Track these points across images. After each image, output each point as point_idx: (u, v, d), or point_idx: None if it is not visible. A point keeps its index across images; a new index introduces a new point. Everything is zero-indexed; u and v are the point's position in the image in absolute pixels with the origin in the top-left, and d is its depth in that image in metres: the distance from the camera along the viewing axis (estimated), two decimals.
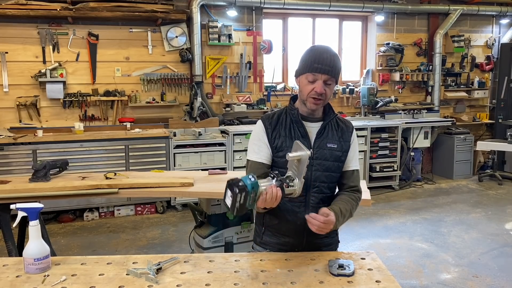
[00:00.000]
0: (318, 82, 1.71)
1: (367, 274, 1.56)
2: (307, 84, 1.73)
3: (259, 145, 1.81)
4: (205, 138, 5.23)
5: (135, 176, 3.16)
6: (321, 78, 1.71)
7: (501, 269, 3.65)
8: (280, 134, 1.79)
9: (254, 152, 1.81)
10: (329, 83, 1.73)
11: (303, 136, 1.78)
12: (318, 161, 1.78)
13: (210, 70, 5.86)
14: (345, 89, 6.60)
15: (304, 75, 1.74)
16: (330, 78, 1.71)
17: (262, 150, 1.80)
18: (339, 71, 1.76)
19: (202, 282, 1.48)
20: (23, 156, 4.67)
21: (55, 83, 5.16)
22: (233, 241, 3.18)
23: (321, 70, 1.70)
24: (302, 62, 1.77)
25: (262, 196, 1.50)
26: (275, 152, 1.79)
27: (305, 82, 1.74)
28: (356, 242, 4.26)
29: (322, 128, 1.81)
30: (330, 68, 1.70)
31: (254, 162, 1.80)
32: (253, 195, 1.46)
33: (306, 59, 1.74)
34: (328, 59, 1.70)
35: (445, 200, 5.73)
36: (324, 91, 1.72)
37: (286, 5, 5.92)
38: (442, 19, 6.88)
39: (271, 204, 1.52)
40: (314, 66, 1.70)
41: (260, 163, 1.79)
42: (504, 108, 7.12)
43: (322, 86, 1.71)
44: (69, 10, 4.96)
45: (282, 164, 1.77)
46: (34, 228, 1.58)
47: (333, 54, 1.74)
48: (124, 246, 4.23)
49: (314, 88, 1.71)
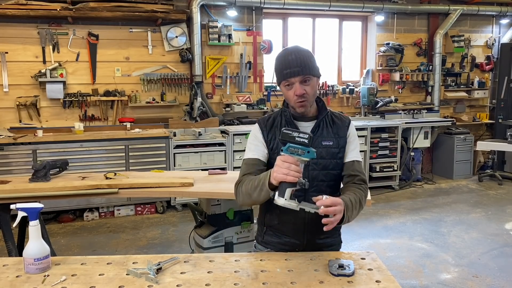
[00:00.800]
0: (295, 86, 1.71)
1: (367, 274, 1.55)
2: (287, 91, 1.75)
3: (256, 144, 1.82)
4: (205, 138, 5.23)
5: (135, 176, 3.16)
6: (296, 81, 1.70)
7: (501, 269, 3.65)
8: (276, 136, 1.80)
9: (250, 151, 1.82)
10: (306, 81, 1.71)
11: None
12: (314, 160, 1.77)
13: (210, 70, 5.86)
14: (345, 89, 6.60)
15: (282, 84, 1.76)
16: (304, 77, 1.70)
17: (258, 148, 1.81)
18: (311, 66, 1.72)
19: (202, 282, 1.48)
20: (23, 156, 4.67)
21: (55, 83, 5.16)
22: (233, 241, 3.18)
23: (291, 74, 1.69)
24: (275, 72, 1.78)
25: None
26: (271, 153, 1.80)
27: (285, 90, 1.76)
28: (356, 242, 4.26)
29: (316, 126, 1.80)
30: (299, 68, 1.69)
31: (249, 158, 1.80)
32: (301, 152, 1.47)
33: (276, 68, 1.76)
34: (294, 61, 1.69)
35: (445, 200, 5.73)
36: (304, 91, 1.71)
37: (286, 5, 5.92)
38: (442, 19, 6.88)
39: (284, 174, 1.46)
40: (284, 73, 1.71)
41: (256, 159, 1.79)
42: (504, 108, 7.12)
43: (300, 88, 1.70)
44: (69, 10, 4.96)
45: None
46: (34, 228, 1.58)
47: (298, 52, 1.71)
48: (124, 246, 4.23)
49: (294, 93, 1.72)
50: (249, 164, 1.80)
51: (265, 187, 1.56)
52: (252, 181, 1.66)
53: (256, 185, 1.62)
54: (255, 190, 1.62)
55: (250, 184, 1.66)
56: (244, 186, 1.70)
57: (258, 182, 1.61)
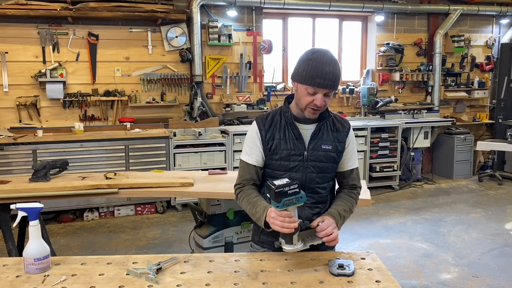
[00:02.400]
0: (319, 95, 1.68)
1: (367, 274, 1.56)
2: (307, 95, 1.69)
3: (251, 147, 1.82)
4: (205, 138, 5.23)
5: (135, 176, 3.16)
6: (322, 92, 1.68)
7: (501, 269, 3.65)
8: (275, 136, 1.79)
9: (246, 154, 1.84)
10: (328, 95, 1.71)
11: (297, 138, 1.78)
12: (312, 163, 1.78)
13: (210, 70, 5.86)
14: (345, 89, 6.60)
15: (304, 86, 1.68)
16: (330, 91, 1.70)
17: (254, 152, 1.82)
18: (339, 81, 1.72)
19: (202, 282, 1.48)
20: (23, 156, 4.67)
21: (55, 83, 5.16)
22: (233, 241, 3.18)
23: (323, 85, 1.65)
24: (302, 72, 1.68)
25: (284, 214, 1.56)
26: (269, 154, 1.80)
27: (305, 92, 1.69)
28: (356, 242, 4.26)
29: (317, 130, 1.80)
30: (333, 84, 1.67)
31: (245, 163, 1.84)
32: (295, 200, 1.55)
33: (307, 70, 1.66)
34: (330, 73, 1.64)
35: (445, 200, 5.73)
36: (324, 102, 1.70)
37: (286, 5, 5.92)
38: (442, 19, 6.88)
39: (280, 225, 1.56)
40: (316, 81, 1.64)
41: (250, 165, 1.82)
42: (504, 108, 7.12)
43: (322, 99, 1.68)
44: (69, 10, 4.96)
45: (276, 167, 1.79)
46: (34, 228, 1.58)
47: (335, 65, 1.67)
48: (124, 246, 4.23)
49: (313, 101, 1.69)
50: (245, 168, 1.84)
51: (261, 223, 1.67)
52: (250, 206, 1.73)
53: (253, 213, 1.73)
54: (253, 216, 1.74)
55: (248, 207, 1.75)
56: (244, 203, 1.79)
57: (254, 212, 1.71)
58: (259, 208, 1.67)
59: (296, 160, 1.77)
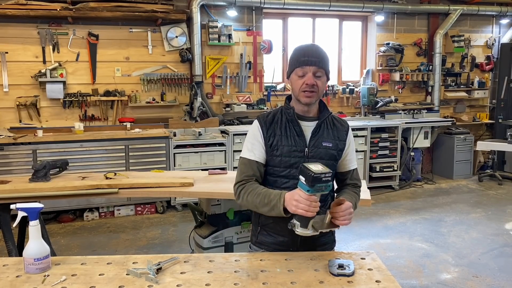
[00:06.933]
0: (308, 75, 1.73)
1: (367, 274, 1.56)
2: (298, 79, 1.76)
3: (253, 143, 1.82)
4: (205, 138, 5.23)
5: (135, 176, 3.16)
6: (310, 71, 1.73)
7: (501, 269, 3.65)
8: (276, 133, 1.80)
9: (248, 150, 1.83)
10: (319, 75, 1.74)
11: (298, 135, 1.79)
12: (313, 160, 1.78)
13: (210, 70, 5.86)
14: (345, 89, 6.60)
15: (294, 72, 1.77)
16: (319, 69, 1.73)
17: (256, 148, 1.81)
18: (327, 62, 1.77)
19: (202, 282, 1.48)
20: (23, 156, 4.67)
21: (55, 83, 5.16)
22: (233, 241, 3.18)
23: (308, 62, 1.72)
24: (290, 61, 1.81)
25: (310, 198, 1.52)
26: (270, 150, 1.80)
27: (296, 78, 1.76)
28: (356, 242, 4.26)
29: (318, 127, 1.81)
30: (318, 59, 1.73)
31: (247, 159, 1.81)
32: (324, 188, 1.51)
33: (293, 57, 1.78)
34: (314, 51, 1.74)
35: (445, 200, 5.73)
36: (315, 82, 1.73)
37: (286, 5, 5.92)
38: (442, 19, 6.88)
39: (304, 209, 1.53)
40: (301, 60, 1.73)
41: (252, 161, 1.80)
42: (504, 108, 7.12)
43: (312, 78, 1.73)
44: (69, 10, 4.96)
45: (277, 163, 1.79)
46: (34, 228, 1.58)
47: (319, 47, 1.77)
48: (124, 246, 4.23)
49: (304, 81, 1.73)
50: (247, 164, 1.81)
51: (278, 210, 1.63)
52: (261, 197, 1.69)
53: (266, 203, 1.67)
54: (265, 207, 1.69)
55: (258, 198, 1.70)
56: (250, 197, 1.73)
57: (268, 201, 1.66)
58: (273, 195, 1.66)
59: (297, 157, 1.77)
